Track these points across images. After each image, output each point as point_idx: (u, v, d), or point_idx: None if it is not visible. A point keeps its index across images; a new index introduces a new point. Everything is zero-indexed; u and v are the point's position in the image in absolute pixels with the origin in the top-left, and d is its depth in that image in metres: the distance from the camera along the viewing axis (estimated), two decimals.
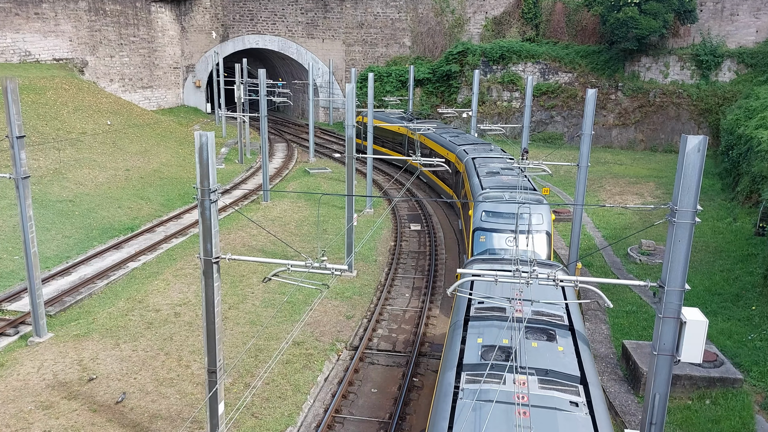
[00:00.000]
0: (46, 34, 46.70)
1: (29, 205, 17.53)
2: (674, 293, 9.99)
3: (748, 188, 30.38)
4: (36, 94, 38.85)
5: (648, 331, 18.79)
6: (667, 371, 10.35)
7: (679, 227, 9.76)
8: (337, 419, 15.26)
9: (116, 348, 17.79)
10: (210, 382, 11.92)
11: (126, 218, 29.83)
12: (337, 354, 18.42)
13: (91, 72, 50.70)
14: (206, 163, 10.71)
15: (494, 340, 10.85)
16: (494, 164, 26.95)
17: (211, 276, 11.32)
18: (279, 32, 60.54)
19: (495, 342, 10.77)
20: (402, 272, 25.06)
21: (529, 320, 11.41)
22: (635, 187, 36.90)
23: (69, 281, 22.56)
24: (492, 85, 54.02)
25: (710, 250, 25.67)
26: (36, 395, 15.43)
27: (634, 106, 49.99)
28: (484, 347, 10.71)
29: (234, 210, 31.19)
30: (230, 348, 17.81)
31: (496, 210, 20.69)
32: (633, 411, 15.15)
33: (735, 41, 47.73)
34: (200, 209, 11.01)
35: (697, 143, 9.48)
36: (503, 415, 8.83)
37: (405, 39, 58.60)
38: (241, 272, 23.50)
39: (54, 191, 30.57)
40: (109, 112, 43.16)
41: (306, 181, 39.52)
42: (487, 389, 9.47)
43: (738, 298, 20.87)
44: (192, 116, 59.48)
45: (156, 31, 58.04)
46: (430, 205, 35.35)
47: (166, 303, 20.84)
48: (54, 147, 34.47)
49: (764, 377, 16.12)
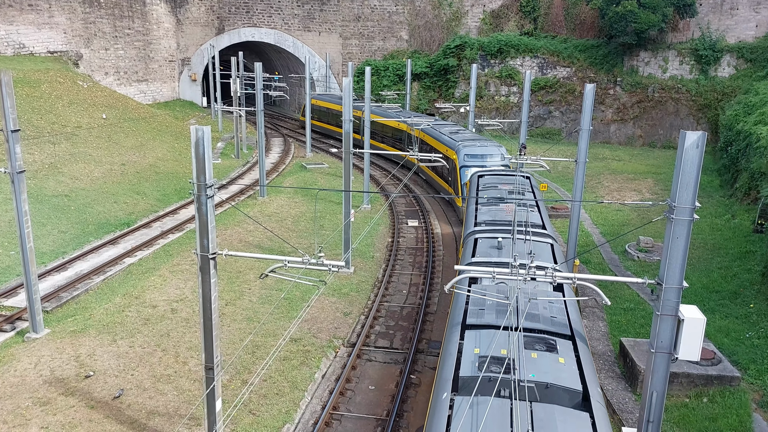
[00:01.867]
0: (40, 26, 46.32)
1: (25, 199, 17.38)
2: (672, 291, 9.94)
3: (747, 185, 30.36)
4: (30, 88, 38.58)
5: (646, 328, 18.79)
6: (664, 369, 10.32)
7: (678, 224, 9.70)
8: (335, 416, 15.22)
9: (113, 344, 17.71)
10: (207, 378, 11.86)
11: (122, 213, 29.68)
12: (334, 351, 18.37)
13: (86, 65, 50.35)
14: (202, 157, 10.61)
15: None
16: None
17: (208, 272, 11.24)
18: (275, 25, 60.22)
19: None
20: (399, 268, 25.01)
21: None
22: (633, 184, 36.88)
23: (65, 277, 22.45)
24: (490, 79, 53.89)
25: (708, 248, 25.67)
26: (33, 391, 15.35)
27: (632, 101, 49.93)
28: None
29: (231, 205, 31.07)
30: (227, 344, 17.75)
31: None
32: (630, 409, 15.15)
33: (734, 36, 47.65)
34: (197, 204, 10.91)
35: (695, 139, 9.41)
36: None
37: (402, 32, 58.37)
38: (238, 268, 23.41)
39: (49, 186, 30.39)
40: (104, 105, 42.91)
41: (303, 176, 39.40)
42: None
43: (736, 295, 20.88)
44: (188, 110, 59.20)
45: (151, 24, 57.66)
46: (427, 201, 35.27)
47: (163, 299, 20.75)
48: (49, 141, 34.26)
49: (762, 375, 16.14)
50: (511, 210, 18.25)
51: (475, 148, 30.78)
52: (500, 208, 19.21)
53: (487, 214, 18.70)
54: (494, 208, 19.32)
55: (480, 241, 16.24)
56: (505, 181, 22.48)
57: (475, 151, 30.52)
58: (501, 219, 18.07)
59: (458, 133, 34.75)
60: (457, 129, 36.12)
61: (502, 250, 15.28)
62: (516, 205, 18.41)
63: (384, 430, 14.65)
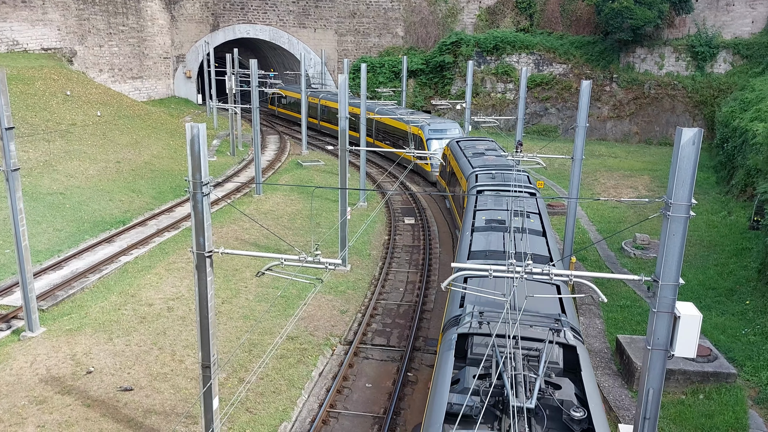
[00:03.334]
0: (34, 22, 46.06)
1: (19, 197, 17.29)
2: (668, 288, 9.94)
3: (743, 181, 30.41)
4: (24, 85, 38.37)
5: (642, 325, 18.82)
6: (660, 366, 10.32)
7: (674, 221, 9.68)
8: (332, 414, 15.22)
9: (109, 342, 17.65)
10: (204, 377, 11.83)
11: (117, 211, 29.58)
12: (331, 349, 18.36)
13: (80, 62, 50.10)
14: (198, 155, 10.55)
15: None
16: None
17: (204, 270, 11.20)
18: (270, 21, 60.02)
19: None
20: (396, 266, 24.99)
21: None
22: (630, 181, 36.93)
23: (61, 275, 22.36)
24: (486, 76, 53.84)
25: (704, 244, 25.73)
26: (29, 390, 15.29)
27: (628, 98, 49.96)
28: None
29: (226, 203, 31.00)
30: (224, 343, 17.71)
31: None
32: (627, 406, 15.19)
33: (730, 32, 47.69)
34: (192, 202, 10.86)
35: (692, 136, 9.39)
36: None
37: (398, 29, 58.25)
38: (234, 266, 23.36)
39: (44, 184, 30.25)
40: (98, 102, 42.72)
41: (299, 173, 39.32)
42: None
43: (732, 292, 20.93)
44: (183, 107, 59.00)
45: (145, 20, 57.39)
46: (423, 199, 35.26)
47: (159, 297, 20.70)
48: (44, 138, 34.09)
49: (758, 372, 16.19)
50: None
51: (436, 125, 39.22)
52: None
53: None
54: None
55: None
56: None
57: (437, 127, 38.91)
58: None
59: (414, 113, 43.74)
60: (411, 111, 45.31)
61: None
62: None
63: (381, 427, 14.65)
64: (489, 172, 22.90)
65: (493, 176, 22.34)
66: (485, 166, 24.01)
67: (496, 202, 18.53)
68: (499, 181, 21.56)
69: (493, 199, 18.87)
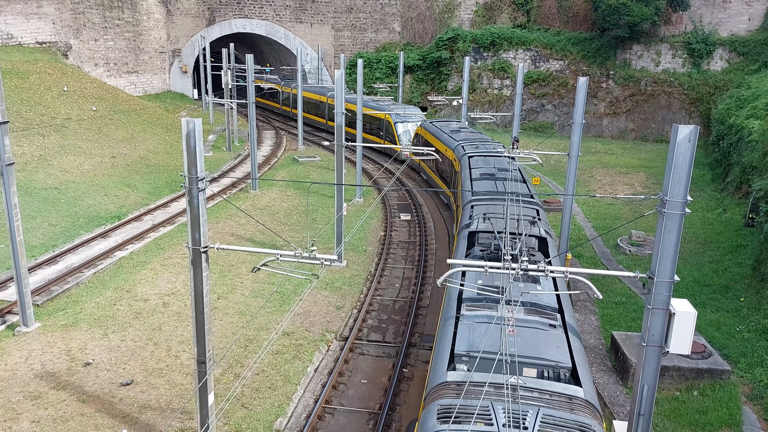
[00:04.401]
0: (29, 16, 45.76)
1: (14, 192, 17.21)
2: (663, 284, 9.96)
3: (739, 179, 30.49)
4: (19, 79, 38.16)
5: (637, 322, 18.89)
6: (655, 362, 10.36)
7: (669, 218, 9.70)
8: (327, 410, 15.23)
9: (104, 338, 17.61)
10: (199, 372, 11.80)
11: (113, 206, 29.48)
12: (327, 344, 18.36)
13: (75, 56, 49.84)
14: (194, 150, 10.50)
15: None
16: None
17: (200, 266, 11.16)
18: (266, 16, 59.80)
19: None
20: (392, 262, 24.99)
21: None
22: (626, 178, 37.00)
23: (56, 270, 22.28)
24: (483, 72, 53.80)
25: (700, 241, 25.81)
26: (24, 385, 15.25)
27: (625, 94, 50.01)
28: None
29: (222, 199, 30.93)
30: (219, 338, 17.69)
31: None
32: (621, 402, 15.24)
33: (727, 29, 47.75)
34: (188, 198, 10.81)
35: (687, 133, 9.40)
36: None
37: (395, 24, 58.13)
38: (230, 262, 23.33)
39: (39, 178, 30.12)
40: (94, 97, 42.52)
41: (295, 169, 39.25)
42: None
43: (727, 289, 21.00)
44: (179, 102, 58.78)
45: (141, 14, 57.10)
46: (420, 195, 35.26)
47: (155, 293, 20.65)
48: (38, 133, 33.93)
49: (752, 368, 16.26)
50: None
51: (399, 110, 43.33)
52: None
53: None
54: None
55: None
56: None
57: (400, 112, 43.14)
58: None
59: (380, 101, 47.36)
60: (380, 99, 48.76)
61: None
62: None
63: (376, 423, 14.67)
64: (473, 144, 29.21)
65: (477, 146, 28.55)
66: (467, 140, 30.10)
67: (485, 162, 25.21)
68: (482, 149, 27.84)
69: (482, 160, 25.63)
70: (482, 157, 26.37)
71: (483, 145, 29.09)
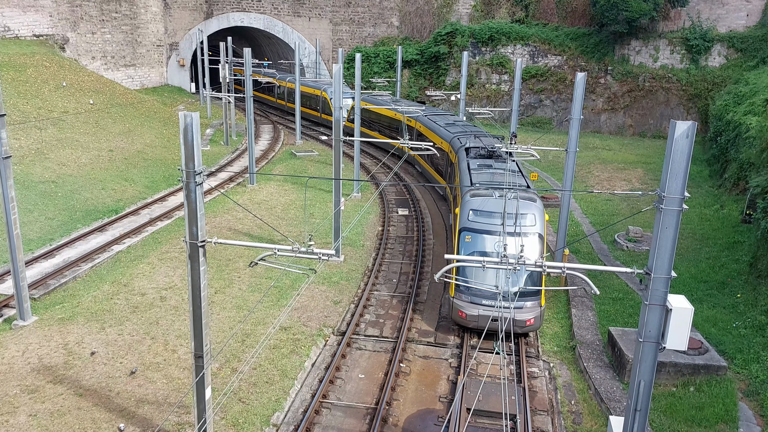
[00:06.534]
0: (26, 8, 45.53)
1: (11, 185, 17.16)
2: (660, 280, 9.96)
3: (736, 175, 30.52)
4: (16, 72, 37.99)
5: (634, 318, 18.93)
6: (652, 358, 10.38)
7: (667, 214, 9.70)
8: (325, 405, 15.25)
9: (102, 332, 17.60)
10: (197, 366, 11.81)
11: (110, 200, 29.41)
12: (324, 339, 18.37)
13: (72, 49, 49.62)
14: (191, 144, 10.48)
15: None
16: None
17: (197, 260, 11.15)
18: (264, 10, 59.58)
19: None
20: (390, 257, 25.00)
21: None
22: (623, 173, 37.01)
23: (53, 264, 22.24)
24: (481, 67, 53.70)
25: (697, 238, 25.85)
26: (21, 379, 15.24)
27: (623, 90, 49.96)
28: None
29: (220, 193, 30.88)
30: (217, 333, 17.69)
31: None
32: (618, 398, 15.29)
33: (725, 25, 47.67)
34: (185, 192, 10.79)
35: (685, 129, 9.38)
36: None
37: (393, 18, 57.96)
38: (228, 256, 23.30)
39: (36, 172, 30.02)
40: (91, 90, 42.36)
41: (292, 163, 39.18)
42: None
43: (724, 285, 21.05)
44: (176, 96, 58.60)
45: (138, 7, 56.84)
46: (417, 190, 35.24)
47: (152, 287, 20.63)
48: (35, 126, 33.80)
49: (748, 365, 16.32)
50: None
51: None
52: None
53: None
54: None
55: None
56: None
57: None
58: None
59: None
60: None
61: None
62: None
63: (373, 418, 14.69)
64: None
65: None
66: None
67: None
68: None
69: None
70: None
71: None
